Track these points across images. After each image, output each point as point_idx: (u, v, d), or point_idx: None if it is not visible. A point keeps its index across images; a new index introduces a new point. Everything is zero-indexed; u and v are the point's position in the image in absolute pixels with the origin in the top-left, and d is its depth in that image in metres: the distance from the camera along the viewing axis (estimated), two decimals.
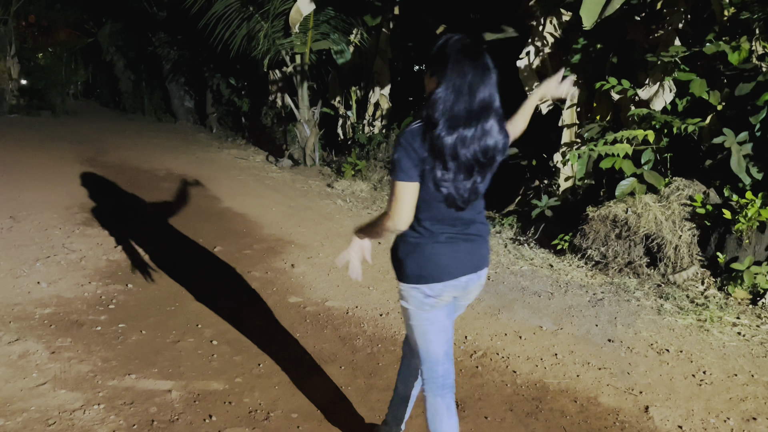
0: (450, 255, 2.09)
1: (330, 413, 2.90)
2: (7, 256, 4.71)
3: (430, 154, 1.94)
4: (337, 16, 8.35)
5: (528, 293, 4.47)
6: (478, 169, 2.00)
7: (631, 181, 5.10)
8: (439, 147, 1.92)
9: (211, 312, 3.97)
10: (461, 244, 2.11)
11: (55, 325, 3.67)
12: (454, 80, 1.91)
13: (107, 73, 15.39)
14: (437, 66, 1.95)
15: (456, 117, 1.91)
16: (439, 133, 1.91)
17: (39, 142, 9.76)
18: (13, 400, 2.86)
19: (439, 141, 1.91)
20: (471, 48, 1.96)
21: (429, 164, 1.95)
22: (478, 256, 2.18)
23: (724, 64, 4.93)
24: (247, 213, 6.38)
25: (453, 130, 1.91)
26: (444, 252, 2.08)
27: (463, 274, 2.13)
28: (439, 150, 1.92)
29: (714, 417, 2.98)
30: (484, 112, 1.95)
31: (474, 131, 1.94)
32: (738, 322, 4.00)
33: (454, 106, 1.91)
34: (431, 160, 1.94)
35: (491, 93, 1.96)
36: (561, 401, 3.10)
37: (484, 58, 1.96)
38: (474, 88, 1.92)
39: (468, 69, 1.92)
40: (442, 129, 1.91)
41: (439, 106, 1.91)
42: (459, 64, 1.92)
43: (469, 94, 1.92)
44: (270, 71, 9.54)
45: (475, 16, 7.75)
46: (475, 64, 1.93)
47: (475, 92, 1.92)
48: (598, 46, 5.58)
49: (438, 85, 1.93)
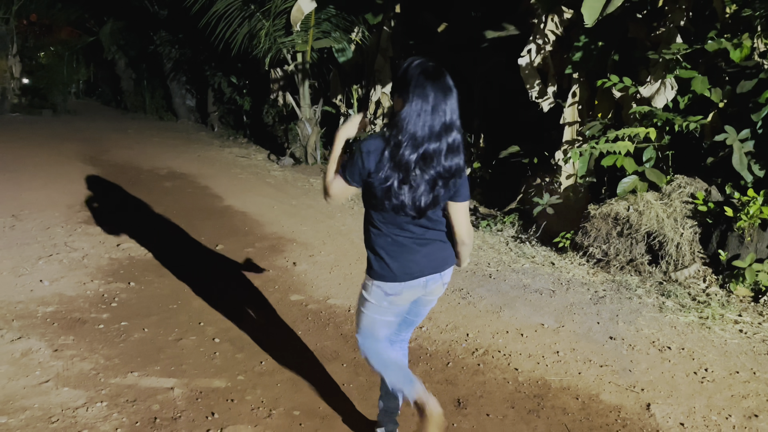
0: (408, 257, 2.22)
1: (332, 411, 2.91)
2: (10, 254, 4.72)
3: (391, 169, 2.06)
4: (338, 15, 8.35)
5: (529, 291, 4.48)
6: (442, 183, 2.11)
7: (632, 178, 5.10)
8: (403, 164, 2.05)
9: (213, 310, 3.98)
10: (418, 247, 2.23)
11: (57, 323, 3.67)
12: (417, 102, 2.03)
13: (108, 72, 15.42)
14: (401, 88, 2.07)
15: (419, 136, 2.04)
16: (403, 152, 2.03)
17: (40, 140, 9.78)
18: (16, 398, 2.87)
19: (403, 158, 2.04)
20: (432, 70, 2.07)
21: (382, 176, 2.07)
22: (437, 258, 2.28)
23: (725, 62, 4.92)
24: (248, 211, 6.38)
25: (416, 148, 2.04)
26: (402, 254, 2.21)
27: (422, 275, 2.25)
28: (403, 166, 2.05)
29: (716, 414, 2.98)
30: (447, 130, 2.07)
31: (436, 148, 2.06)
32: (740, 320, 4.00)
33: (417, 126, 2.03)
34: (390, 173, 2.06)
35: (453, 112, 2.08)
36: (563, 399, 3.10)
37: (445, 79, 2.08)
38: (436, 109, 2.04)
39: (430, 91, 2.03)
40: (406, 148, 2.03)
41: (403, 127, 2.03)
42: (421, 86, 2.03)
43: (432, 114, 2.03)
44: (271, 70, 9.54)
45: (476, 13, 7.74)
46: (436, 85, 2.04)
47: (438, 112, 2.04)
48: (599, 44, 5.57)
49: (403, 106, 2.05)
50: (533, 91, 6.20)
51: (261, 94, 10.72)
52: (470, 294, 4.40)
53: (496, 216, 6.33)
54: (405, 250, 2.21)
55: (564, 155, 5.93)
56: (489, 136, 7.82)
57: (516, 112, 7.19)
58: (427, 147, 2.05)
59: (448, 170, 2.09)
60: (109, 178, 7.48)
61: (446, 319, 3.98)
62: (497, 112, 7.87)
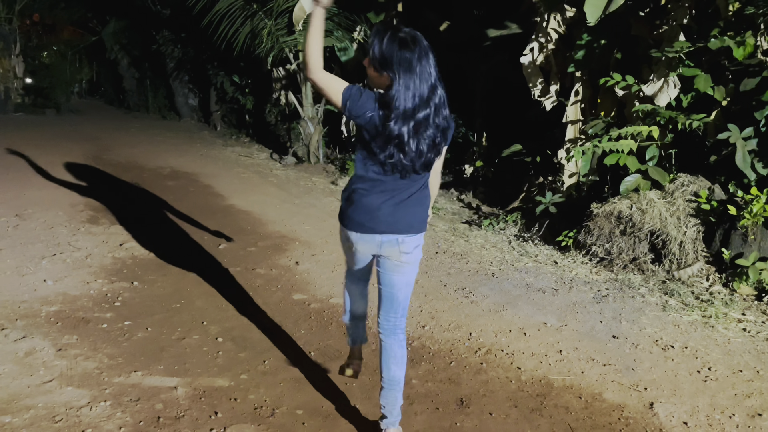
0: (367, 211, 2.33)
1: (335, 409, 2.91)
2: (13, 253, 4.73)
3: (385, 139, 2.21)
4: (340, 13, 8.34)
5: (532, 290, 4.47)
6: (440, 138, 2.27)
7: (635, 177, 5.09)
8: (395, 137, 2.18)
9: (216, 309, 3.98)
10: (388, 205, 2.32)
11: (61, 322, 3.68)
12: (406, 76, 2.14)
13: (111, 72, 15.44)
14: (385, 66, 2.17)
15: (409, 109, 2.16)
16: (393, 126, 2.16)
17: (44, 140, 9.79)
18: (20, 397, 2.88)
19: (394, 131, 2.17)
20: (408, 38, 2.16)
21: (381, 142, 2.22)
22: (401, 220, 2.35)
23: (729, 60, 4.91)
24: (251, 210, 6.39)
25: (406, 120, 2.17)
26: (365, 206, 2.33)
27: (374, 232, 2.35)
28: (395, 139, 2.19)
29: (719, 413, 2.98)
30: (433, 90, 2.20)
31: (426, 113, 2.19)
32: (743, 318, 3.99)
33: (408, 100, 2.15)
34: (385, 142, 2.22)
35: (434, 69, 2.20)
36: (565, 397, 3.10)
37: (420, 41, 2.17)
38: (422, 74, 2.16)
39: (415, 62, 2.14)
40: (397, 121, 2.16)
41: (396, 104, 2.15)
42: (406, 60, 2.13)
43: (420, 82, 2.15)
44: (274, 69, 9.54)
45: (478, 12, 7.73)
46: (416, 52, 2.15)
47: (424, 77, 2.16)
48: (602, 42, 5.56)
49: (390, 82, 2.16)
50: (536, 90, 6.19)
51: (263, 93, 10.72)
52: (473, 293, 4.40)
53: (499, 215, 6.33)
54: (370, 204, 2.32)
55: (567, 154, 5.93)
56: (491, 135, 7.82)
57: (518, 110, 7.18)
58: (418, 116, 2.17)
59: (438, 127, 2.24)
60: (113, 177, 7.50)
61: (449, 318, 3.98)
62: (499, 110, 7.86)
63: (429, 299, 4.27)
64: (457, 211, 6.79)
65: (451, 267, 4.92)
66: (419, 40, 2.17)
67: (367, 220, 2.34)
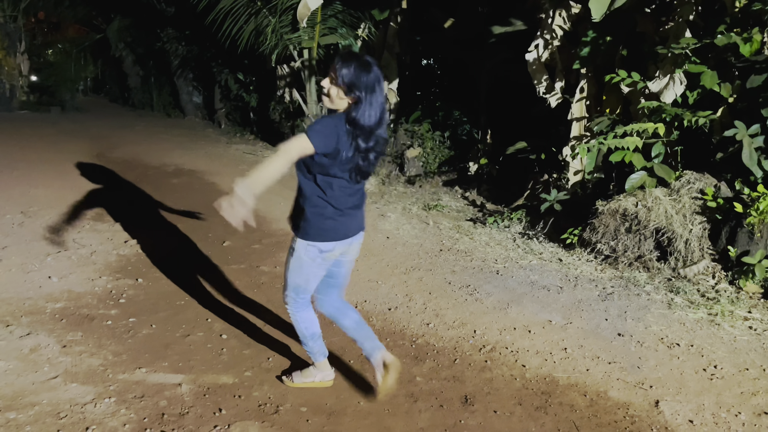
0: (345, 221, 2.66)
1: (339, 407, 2.91)
2: (18, 251, 4.74)
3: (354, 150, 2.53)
4: (344, 11, 8.32)
5: (537, 287, 4.46)
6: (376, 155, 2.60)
7: (641, 174, 5.07)
8: (362, 151, 2.52)
9: (221, 306, 3.99)
10: (352, 212, 2.68)
11: (66, 319, 3.69)
12: (370, 99, 2.48)
13: (116, 69, 15.45)
14: (354, 89, 2.46)
15: (373, 126, 2.51)
16: (361, 141, 2.50)
17: (49, 138, 9.82)
18: (25, 394, 2.88)
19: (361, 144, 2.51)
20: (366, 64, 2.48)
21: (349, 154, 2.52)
22: (361, 221, 2.78)
23: (735, 56, 4.87)
24: (255, 208, 6.34)
25: (370, 136, 2.51)
26: (342, 219, 2.65)
27: (356, 233, 2.75)
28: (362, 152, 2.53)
29: (725, 411, 2.97)
30: (384, 112, 2.56)
31: (382, 130, 2.55)
32: (749, 316, 3.97)
33: (372, 118, 2.49)
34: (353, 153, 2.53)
35: (385, 94, 2.60)
36: (570, 395, 3.09)
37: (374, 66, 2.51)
38: (380, 95, 2.51)
39: (377, 87, 2.49)
40: (363, 137, 2.49)
41: (363, 121, 2.47)
42: (369, 85, 2.47)
43: (380, 102, 2.51)
44: (278, 66, 9.53)
45: (483, 9, 7.71)
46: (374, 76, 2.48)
47: (382, 98, 2.52)
48: (607, 39, 5.54)
49: (358, 102, 2.47)
50: (541, 87, 6.17)
51: (268, 90, 10.71)
52: (477, 290, 4.39)
53: (504, 212, 6.31)
54: (351, 212, 2.67)
55: (572, 151, 5.91)
56: (496, 132, 7.80)
57: (523, 107, 7.16)
58: (378, 133, 2.53)
59: (384, 138, 2.59)
60: (117, 174, 7.50)
61: (453, 316, 3.97)
62: (504, 107, 7.84)
63: (433, 297, 4.27)
64: (461, 209, 6.78)
65: (456, 264, 4.91)
66: (375, 65, 2.53)
67: (353, 226, 2.72)
